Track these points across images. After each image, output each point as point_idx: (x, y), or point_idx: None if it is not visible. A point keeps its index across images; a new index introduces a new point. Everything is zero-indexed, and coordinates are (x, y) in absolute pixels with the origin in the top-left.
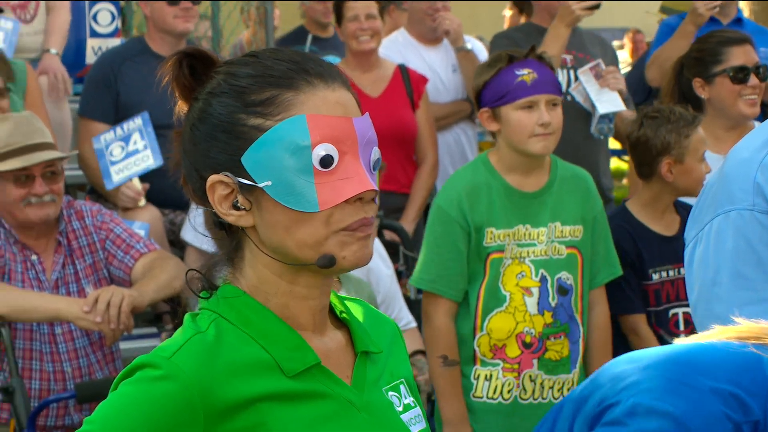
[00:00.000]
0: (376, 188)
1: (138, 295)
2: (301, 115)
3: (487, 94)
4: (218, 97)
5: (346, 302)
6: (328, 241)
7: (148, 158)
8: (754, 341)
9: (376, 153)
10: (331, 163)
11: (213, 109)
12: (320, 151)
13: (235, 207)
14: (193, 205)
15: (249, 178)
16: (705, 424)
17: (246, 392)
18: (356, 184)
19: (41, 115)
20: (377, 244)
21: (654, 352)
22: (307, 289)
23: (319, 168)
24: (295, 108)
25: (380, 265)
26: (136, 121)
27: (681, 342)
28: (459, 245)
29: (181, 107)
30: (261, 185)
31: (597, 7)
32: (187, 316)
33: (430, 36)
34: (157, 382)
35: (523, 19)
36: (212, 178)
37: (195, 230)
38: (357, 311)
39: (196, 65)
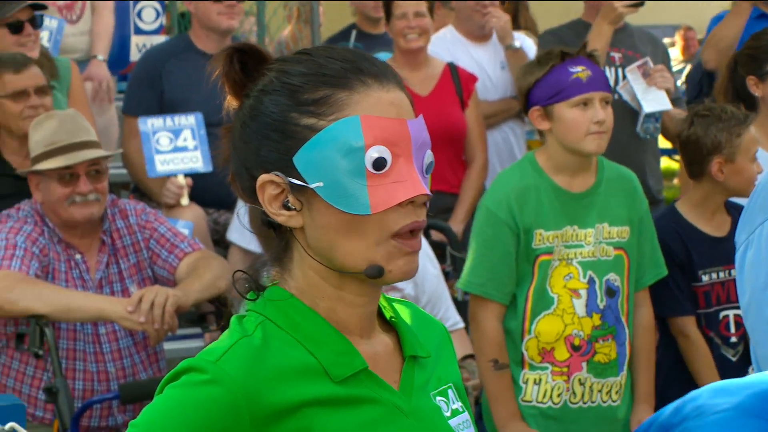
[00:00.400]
0: (429, 192)
1: (182, 294)
2: (354, 116)
3: (538, 91)
4: (270, 95)
5: (394, 304)
6: (377, 249)
7: (197, 160)
8: None
9: (429, 156)
10: (384, 166)
11: (265, 107)
12: (373, 153)
13: (286, 207)
14: (239, 204)
15: (300, 178)
16: None
17: (292, 397)
18: (409, 187)
19: (85, 113)
20: (424, 244)
21: (746, 383)
22: (354, 295)
23: (372, 170)
24: (349, 108)
25: (427, 264)
26: (189, 119)
27: None
28: (508, 247)
29: (231, 103)
30: (312, 186)
31: (640, 4)
32: (233, 319)
33: (478, 33)
34: (203, 386)
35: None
36: (263, 177)
37: (243, 228)
38: (405, 314)
39: (247, 61)
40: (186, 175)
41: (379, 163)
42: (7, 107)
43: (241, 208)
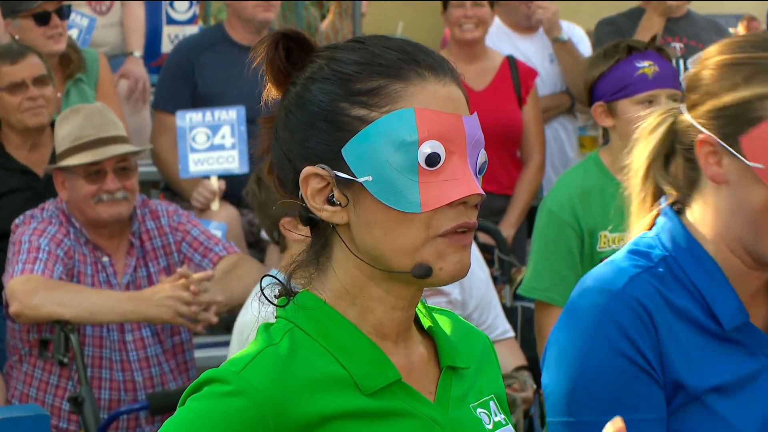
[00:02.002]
0: (483, 193)
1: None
2: (409, 108)
3: (602, 87)
4: (319, 83)
5: (434, 314)
6: (425, 248)
7: (233, 160)
8: None
9: (483, 156)
10: (438, 162)
11: (313, 95)
12: (426, 148)
13: (330, 202)
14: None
15: (348, 171)
16: None
17: (320, 409)
18: (463, 186)
19: (114, 106)
20: (473, 247)
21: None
22: (396, 298)
23: (425, 166)
24: (403, 100)
25: (475, 268)
26: (230, 113)
27: None
28: (572, 250)
29: (271, 92)
30: (360, 180)
31: None
32: (260, 327)
33: (524, 24)
34: (227, 398)
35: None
36: (307, 169)
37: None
38: (445, 323)
39: (292, 48)
40: (220, 177)
41: (432, 159)
42: (5, 100)
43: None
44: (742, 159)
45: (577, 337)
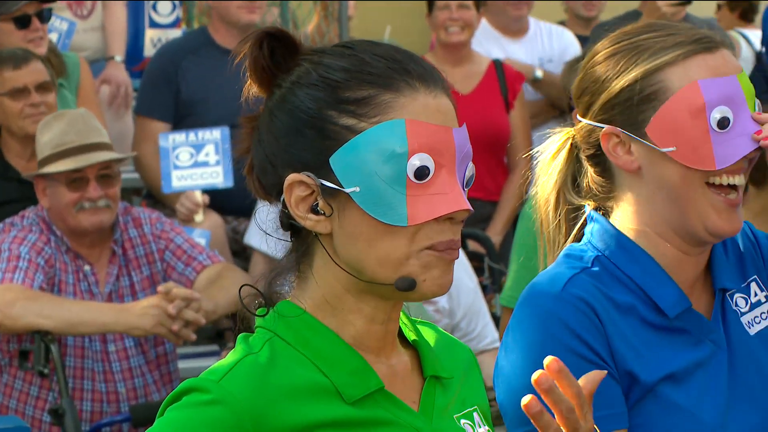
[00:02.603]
0: (471, 209)
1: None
2: (400, 119)
3: None
4: (306, 89)
5: (417, 325)
6: (410, 261)
7: (217, 176)
8: None
9: (471, 168)
10: (427, 175)
11: (300, 101)
12: (416, 161)
13: (314, 211)
14: (258, 204)
15: (335, 181)
16: None
17: (301, 419)
18: (450, 201)
19: (96, 112)
20: (460, 255)
21: None
22: (373, 311)
23: (413, 179)
24: (394, 111)
25: (462, 276)
26: (214, 134)
27: None
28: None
29: (252, 90)
30: (347, 191)
31: (687, 2)
32: (240, 337)
33: (513, 27)
34: (206, 407)
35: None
36: (292, 177)
37: (263, 231)
38: (428, 335)
39: (276, 48)
40: (203, 192)
41: (421, 172)
42: (7, 106)
43: (261, 207)
44: (655, 147)
45: (526, 346)
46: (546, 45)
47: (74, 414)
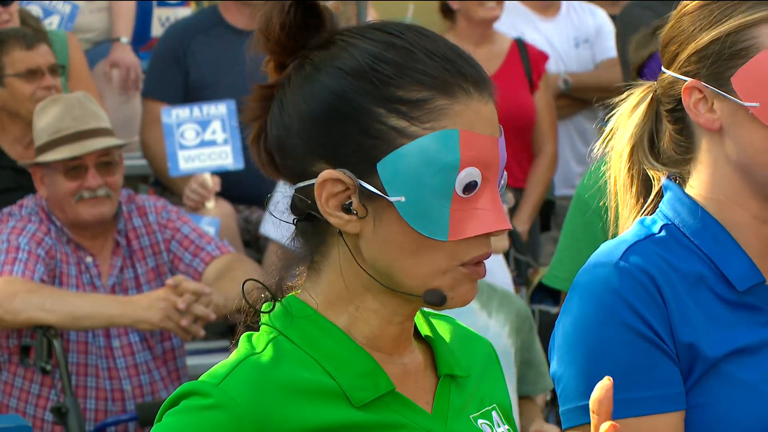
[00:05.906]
0: (511, 227)
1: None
2: (454, 129)
3: (653, 66)
4: (351, 78)
5: (432, 319)
6: (444, 276)
7: (226, 156)
8: None
9: (505, 177)
10: (474, 190)
11: (341, 89)
12: (466, 175)
13: (346, 210)
14: (279, 185)
15: (378, 186)
16: None
17: (305, 422)
18: (492, 219)
19: (90, 93)
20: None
21: None
22: (392, 313)
23: (460, 194)
24: (448, 119)
25: (496, 270)
26: (219, 108)
27: None
28: (599, 240)
29: (276, 58)
30: (392, 200)
31: None
32: (243, 335)
33: (545, 3)
34: (206, 411)
35: None
36: (329, 173)
37: (281, 221)
38: (444, 330)
39: (307, 16)
40: (213, 174)
41: (469, 187)
42: (17, 87)
43: (279, 193)
44: (737, 100)
45: (580, 318)
46: (580, 23)
47: (78, 412)
